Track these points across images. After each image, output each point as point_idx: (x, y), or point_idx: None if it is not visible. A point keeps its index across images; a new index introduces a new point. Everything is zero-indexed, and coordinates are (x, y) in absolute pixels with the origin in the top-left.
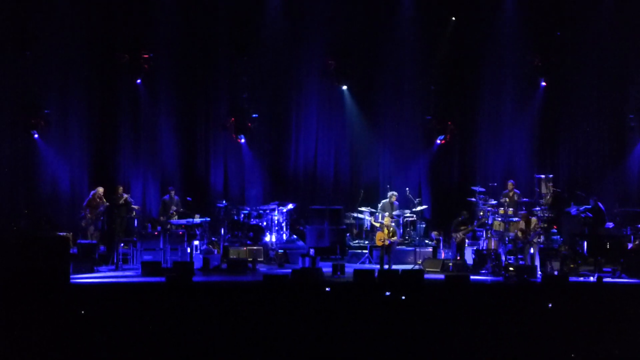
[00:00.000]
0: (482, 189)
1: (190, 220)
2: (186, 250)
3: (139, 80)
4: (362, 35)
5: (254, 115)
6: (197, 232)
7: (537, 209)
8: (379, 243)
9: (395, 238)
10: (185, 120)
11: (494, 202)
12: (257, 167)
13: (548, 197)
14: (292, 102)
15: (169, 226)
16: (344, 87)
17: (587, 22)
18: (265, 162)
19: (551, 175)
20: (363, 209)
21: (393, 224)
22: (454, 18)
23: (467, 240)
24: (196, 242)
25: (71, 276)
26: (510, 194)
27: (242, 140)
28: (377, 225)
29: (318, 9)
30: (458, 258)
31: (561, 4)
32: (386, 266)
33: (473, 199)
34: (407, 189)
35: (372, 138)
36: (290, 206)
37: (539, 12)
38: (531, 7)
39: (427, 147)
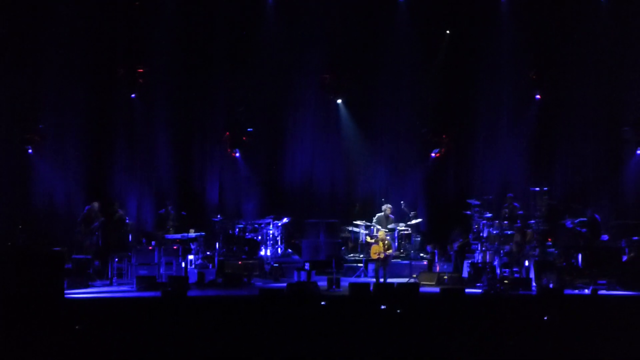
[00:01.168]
0: (477, 202)
1: (185, 234)
2: (181, 264)
3: (133, 95)
4: (358, 49)
5: (249, 130)
6: (192, 247)
7: (532, 221)
8: (374, 256)
9: (390, 251)
10: (180, 135)
11: (489, 215)
12: (252, 181)
13: (543, 209)
14: (287, 115)
15: (164, 240)
16: (339, 101)
17: (583, 36)
18: (260, 176)
19: (546, 188)
20: (358, 222)
21: (388, 237)
22: (448, 32)
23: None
24: (191, 257)
25: (66, 291)
26: (510, 207)
27: (237, 154)
28: (372, 240)
29: (313, 23)
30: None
31: (557, 18)
32: (382, 279)
33: (468, 212)
34: (402, 202)
35: (368, 151)
36: (285, 220)
37: (534, 26)
38: (527, 20)
39: (422, 160)
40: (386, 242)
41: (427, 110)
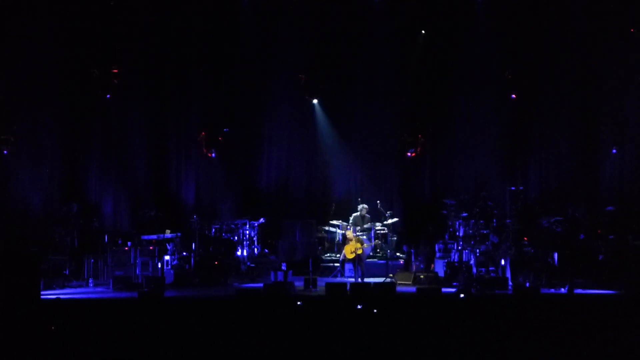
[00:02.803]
0: (453, 202)
1: (161, 235)
2: (157, 265)
3: (109, 95)
4: (333, 49)
5: (225, 130)
6: (169, 247)
7: (508, 220)
8: (350, 256)
9: (365, 245)
10: (156, 135)
11: (465, 214)
12: (228, 182)
13: (519, 208)
14: (263, 116)
15: (140, 241)
16: (315, 101)
17: (559, 35)
18: (236, 176)
19: (522, 188)
20: (335, 222)
21: (357, 234)
22: (423, 31)
23: (437, 253)
24: (167, 257)
25: (42, 292)
26: (483, 205)
27: (213, 155)
28: (350, 236)
29: (289, 23)
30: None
31: (533, 18)
32: (359, 279)
33: (444, 212)
34: (378, 202)
35: (344, 151)
36: (261, 220)
37: (510, 26)
38: (502, 20)
39: (398, 160)
40: (354, 240)
41: (403, 110)
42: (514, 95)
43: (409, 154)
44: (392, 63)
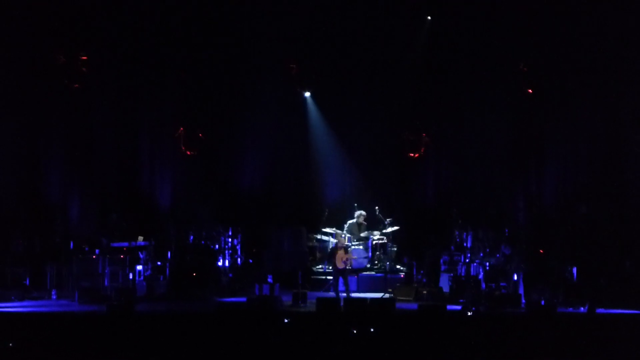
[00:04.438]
0: (460, 208)
1: (133, 242)
2: (128, 275)
3: (76, 85)
4: (327, 37)
5: (206, 125)
6: (141, 256)
7: (521, 230)
8: (340, 265)
9: (353, 257)
10: (127, 130)
11: (473, 222)
12: (209, 183)
13: (534, 216)
14: (248, 110)
15: (108, 249)
16: (307, 94)
17: (581, 22)
18: (218, 177)
19: (536, 192)
20: (328, 229)
21: (351, 244)
22: (429, 17)
23: (442, 265)
24: (139, 267)
25: None
26: (493, 212)
27: (192, 153)
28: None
29: (278, 6)
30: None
31: (551, 2)
32: (343, 294)
33: (450, 219)
34: (377, 207)
35: (339, 151)
36: (245, 227)
37: (525, 11)
38: (516, 5)
39: (399, 161)
40: (343, 249)
41: (405, 106)
42: (529, 91)
43: (411, 154)
44: (394, 53)
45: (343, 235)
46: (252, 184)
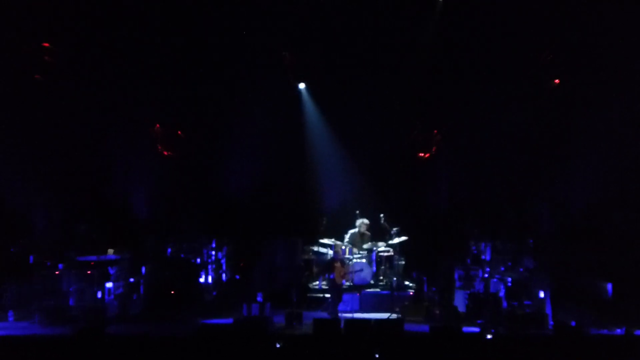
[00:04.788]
0: (477, 215)
1: (103, 255)
2: (97, 293)
3: (38, 76)
4: (325, 19)
5: (187, 122)
6: (111, 271)
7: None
8: (339, 280)
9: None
10: (97, 128)
11: (492, 231)
12: (190, 188)
13: (560, 224)
14: (236, 105)
15: (75, 263)
16: (302, 86)
17: (613, 5)
18: (201, 181)
19: (564, 199)
20: (326, 241)
21: (352, 256)
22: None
23: (456, 281)
24: (110, 284)
25: None
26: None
27: (171, 154)
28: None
29: None
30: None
31: None
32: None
33: (466, 228)
34: (382, 215)
35: (339, 151)
36: (231, 238)
37: None
38: None
39: (407, 162)
40: (342, 262)
41: (414, 100)
42: (554, 82)
43: (421, 154)
44: (401, 40)
45: (344, 247)
46: (240, 189)
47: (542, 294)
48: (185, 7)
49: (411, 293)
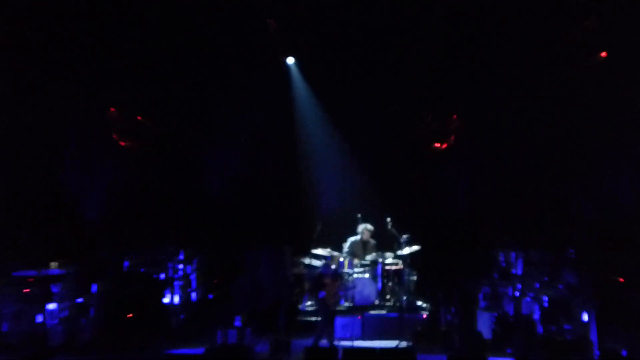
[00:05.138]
0: (505, 220)
1: (44, 270)
2: (37, 317)
3: None
4: None
5: (150, 105)
6: (55, 290)
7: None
8: (330, 300)
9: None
10: (40, 112)
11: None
12: (155, 187)
13: (609, 230)
14: (213, 85)
15: (8, 279)
16: (291, 60)
17: None
18: (167, 178)
19: (613, 199)
20: (320, 251)
21: (354, 270)
22: None
23: (481, 301)
24: (52, 306)
25: None
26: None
27: (131, 144)
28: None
29: None
30: None
31: None
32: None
33: (492, 236)
34: (389, 220)
35: (336, 142)
36: (204, 248)
37: None
38: None
39: (420, 155)
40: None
41: (426, 79)
42: (603, 54)
43: (436, 145)
44: (411, 9)
45: (342, 259)
46: (217, 188)
47: (586, 317)
48: None
49: (425, 316)
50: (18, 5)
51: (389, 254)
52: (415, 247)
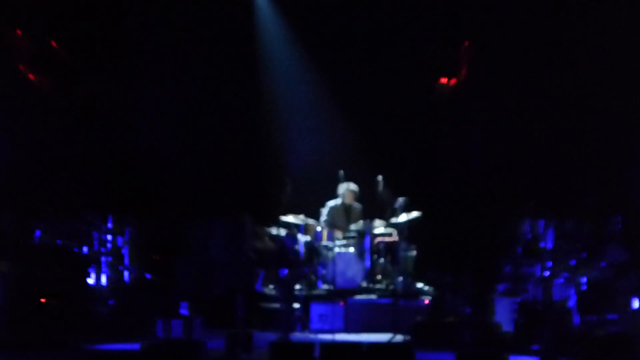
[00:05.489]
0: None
1: None
2: None
3: None
4: None
5: (70, 29)
6: None
7: None
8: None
9: None
10: None
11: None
12: (73, 134)
13: None
14: (152, 8)
15: None
16: None
17: None
18: (90, 123)
19: None
20: (291, 218)
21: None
22: None
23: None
24: None
25: None
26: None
27: (44, 81)
28: None
29: None
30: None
31: None
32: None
33: (513, 203)
34: (380, 178)
35: (311, 80)
36: (140, 216)
37: None
38: None
39: (421, 94)
40: None
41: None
42: None
43: (443, 81)
44: None
45: (319, 229)
46: (157, 140)
47: (636, 303)
48: None
49: (426, 302)
50: None
51: (379, 223)
52: (415, 214)
